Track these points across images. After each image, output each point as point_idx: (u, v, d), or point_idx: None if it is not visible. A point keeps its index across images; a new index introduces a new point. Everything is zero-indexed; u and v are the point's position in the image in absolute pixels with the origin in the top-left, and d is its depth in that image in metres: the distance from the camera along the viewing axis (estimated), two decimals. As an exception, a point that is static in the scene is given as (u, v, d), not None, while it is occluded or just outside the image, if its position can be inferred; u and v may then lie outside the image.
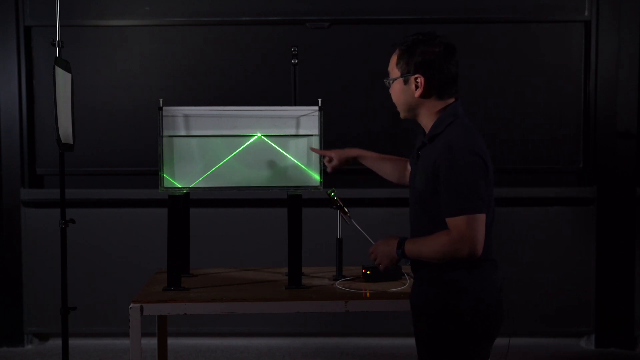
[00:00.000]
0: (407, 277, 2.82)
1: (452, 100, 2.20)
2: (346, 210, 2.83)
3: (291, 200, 2.67)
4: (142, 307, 2.46)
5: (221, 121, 2.74)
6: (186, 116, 2.72)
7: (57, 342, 4.42)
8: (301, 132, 2.76)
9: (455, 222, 2.06)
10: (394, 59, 2.23)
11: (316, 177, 2.77)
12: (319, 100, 2.76)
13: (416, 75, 2.16)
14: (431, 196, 2.13)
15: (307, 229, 2.87)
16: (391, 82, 2.26)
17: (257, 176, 2.76)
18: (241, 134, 2.74)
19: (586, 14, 4.51)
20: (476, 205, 2.05)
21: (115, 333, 4.56)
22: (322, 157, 2.78)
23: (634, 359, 4.45)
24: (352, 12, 4.57)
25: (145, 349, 3.83)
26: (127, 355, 3.19)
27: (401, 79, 2.20)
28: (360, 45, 4.59)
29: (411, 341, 4.59)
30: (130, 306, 2.45)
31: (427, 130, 2.23)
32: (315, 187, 2.77)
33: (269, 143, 2.75)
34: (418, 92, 2.17)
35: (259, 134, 2.75)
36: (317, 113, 2.76)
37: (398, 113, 2.35)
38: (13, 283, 4.58)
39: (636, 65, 4.50)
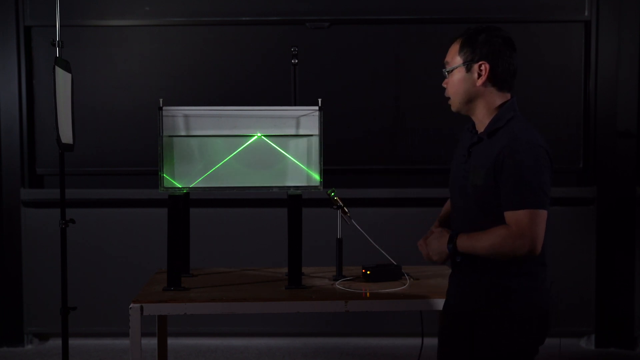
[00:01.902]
0: (407, 277, 2.82)
1: (508, 95, 2.18)
2: (346, 210, 2.83)
3: (291, 200, 2.67)
4: (142, 307, 2.46)
5: (221, 121, 2.73)
6: (186, 116, 2.72)
7: (57, 342, 4.42)
8: (301, 132, 2.75)
9: (517, 217, 1.99)
10: (455, 48, 2.18)
11: (316, 177, 2.77)
12: (319, 100, 2.76)
13: (481, 62, 2.12)
14: (491, 191, 2.06)
15: (307, 229, 2.87)
16: (450, 71, 2.19)
17: (257, 176, 2.75)
18: (241, 134, 2.74)
19: (586, 14, 4.51)
20: (540, 200, 1.99)
21: (115, 333, 4.56)
22: (322, 158, 2.77)
23: (634, 359, 4.45)
24: (352, 12, 4.57)
25: (145, 349, 3.83)
26: (127, 355, 3.20)
27: (463, 67, 2.15)
28: (360, 45, 4.59)
29: (411, 341, 4.60)
30: (130, 306, 2.45)
31: (480, 126, 2.18)
32: (315, 187, 2.77)
33: (269, 143, 2.75)
34: (481, 80, 2.13)
35: (259, 134, 2.75)
36: (317, 113, 2.75)
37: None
38: (13, 283, 4.58)
39: (636, 65, 4.50)
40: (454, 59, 2.18)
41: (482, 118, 2.18)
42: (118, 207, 4.59)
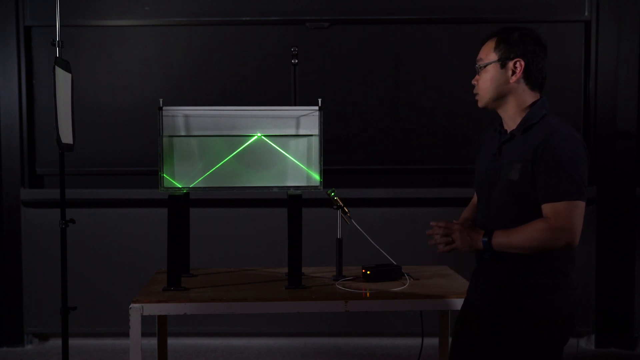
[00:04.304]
0: (407, 277, 2.82)
1: (539, 95, 2.19)
2: (346, 210, 2.84)
3: (291, 200, 2.67)
4: (142, 307, 2.46)
5: (221, 121, 2.74)
6: (186, 116, 2.72)
7: (57, 342, 4.42)
8: (301, 132, 2.76)
9: (556, 208, 1.98)
10: (490, 45, 2.19)
11: (316, 177, 2.77)
12: (319, 100, 2.76)
13: (516, 60, 2.14)
14: (529, 185, 2.06)
15: (307, 229, 2.87)
16: (483, 66, 2.19)
17: (257, 176, 2.76)
18: (241, 134, 2.74)
19: (586, 14, 4.51)
20: (580, 191, 1.99)
21: (115, 333, 4.56)
22: (322, 158, 2.77)
23: (634, 359, 4.45)
24: (352, 12, 4.57)
25: (145, 349, 3.83)
26: (127, 355, 3.20)
27: (497, 64, 2.16)
28: (360, 45, 4.59)
29: (411, 341, 4.60)
30: (130, 306, 2.45)
31: (511, 123, 2.19)
32: (315, 187, 2.77)
33: (269, 143, 2.75)
34: (514, 78, 2.15)
35: (259, 134, 2.75)
36: (317, 113, 2.76)
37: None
38: (13, 283, 4.58)
39: (636, 65, 4.50)
40: (489, 55, 2.19)
41: (512, 115, 2.19)
42: (118, 207, 4.59)
